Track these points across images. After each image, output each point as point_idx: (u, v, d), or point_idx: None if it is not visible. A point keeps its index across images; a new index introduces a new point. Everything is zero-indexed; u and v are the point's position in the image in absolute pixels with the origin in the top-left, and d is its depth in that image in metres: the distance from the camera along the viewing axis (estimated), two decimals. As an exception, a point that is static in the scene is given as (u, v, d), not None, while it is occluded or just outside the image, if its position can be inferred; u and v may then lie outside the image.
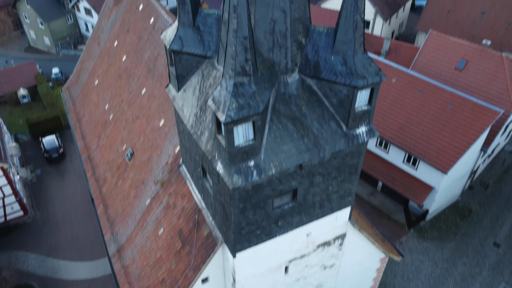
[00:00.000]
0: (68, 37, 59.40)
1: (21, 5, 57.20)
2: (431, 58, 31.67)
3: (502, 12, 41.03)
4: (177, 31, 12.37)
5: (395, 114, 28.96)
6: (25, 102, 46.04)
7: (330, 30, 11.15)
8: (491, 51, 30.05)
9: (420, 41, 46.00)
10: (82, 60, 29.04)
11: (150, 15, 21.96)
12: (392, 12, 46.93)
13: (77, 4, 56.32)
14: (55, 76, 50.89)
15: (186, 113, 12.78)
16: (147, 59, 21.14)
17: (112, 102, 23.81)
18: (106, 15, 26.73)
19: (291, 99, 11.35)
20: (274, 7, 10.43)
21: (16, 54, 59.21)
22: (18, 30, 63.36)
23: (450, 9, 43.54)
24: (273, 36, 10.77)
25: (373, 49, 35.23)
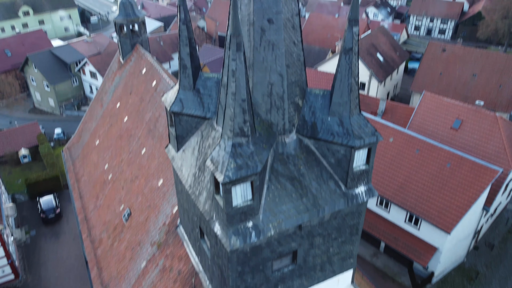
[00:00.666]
0: (72, 99, 61.05)
1: (29, 69, 59.47)
2: (426, 118, 32.33)
3: (492, 74, 42.60)
4: (177, 94, 12.76)
5: (394, 173, 28.98)
6: (26, 162, 46.23)
7: (326, 93, 11.51)
8: (485, 111, 30.77)
9: (415, 102, 47.24)
10: (85, 121, 29.62)
11: (153, 78, 22.75)
12: (386, 74, 48.69)
13: (83, 67, 58.54)
14: (57, 136, 51.60)
15: (184, 173, 12.79)
16: (148, 120, 21.57)
17: (111, 162, 23.92)
18: (110, 78, 27.70)
19: (289, 159, 11.42)
20: (272, 71, 10.84)
21: (21, 115, 60.49)
22: (24, 92, 65.26)
23: (442, 72, 45.25)
24: (270, 98, 11.08)
25: (370, 110, 36.08)
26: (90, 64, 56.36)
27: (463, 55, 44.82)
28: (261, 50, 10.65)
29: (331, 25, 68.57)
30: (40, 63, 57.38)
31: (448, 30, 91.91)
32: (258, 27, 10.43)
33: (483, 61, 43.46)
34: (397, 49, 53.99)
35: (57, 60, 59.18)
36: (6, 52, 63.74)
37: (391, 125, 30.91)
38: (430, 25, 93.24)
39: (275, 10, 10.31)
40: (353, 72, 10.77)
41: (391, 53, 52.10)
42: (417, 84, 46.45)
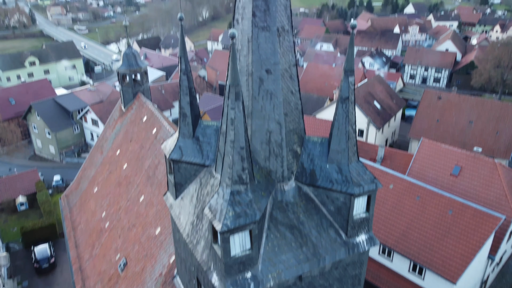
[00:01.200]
0: (72, 146, 61.42)
1: (31, 117, 60.33)
2: (425, 165, 32.38)
3: (488, 121, 43.21)
4: (177, 142, 12.86)
5: (396, 220, 28.56)
6: (23, 209, 45.66)
7: (324, 140, 11.62)
8: (484, 157, 30.88)
9: (413, 148, 47.53)
10: (84, 168, 29.63)
11: (153, 125, 23.04)
12: (384, 121, 49.36)
13: (85, 115, 59.41)
14: (56, 183, 51.35)
15: (182, 221, 12.60)
16: (147, 167, 21.58)
17: (109, 210, 23.64)
18: (111, 126, 28.05)
19: (288, 207, 11.30)
20: (270, 120, 11.01)
21: (21, 162, 60.56)
22: (26, 140, 65.77)
23: (439, 119, 45.92)
24: (269, 146, 11.17)
25: (369, 156, 36.22)
26: (92, 111, 57.26)
27: (459, 103, 45.71)
28: (259, 99, 10.88)
29: (328, 74, 70.44)
30: (43, 111, 58.31)
31: (443, 79, 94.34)
32: (256, 77, 10.72)
33: (479, 108, 44.27)
34: (394, 97, 55.13)
35: (59, 108, 60.20)
36: (10, 100, 64.97)
37: (390, 172, 30.88)
38: (425, 74, 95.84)
39: (273, 61, 10.64)
40: (350, 120, 10.94)
41: (388, 100, 53.14)
42: (414, 131, 46.97)
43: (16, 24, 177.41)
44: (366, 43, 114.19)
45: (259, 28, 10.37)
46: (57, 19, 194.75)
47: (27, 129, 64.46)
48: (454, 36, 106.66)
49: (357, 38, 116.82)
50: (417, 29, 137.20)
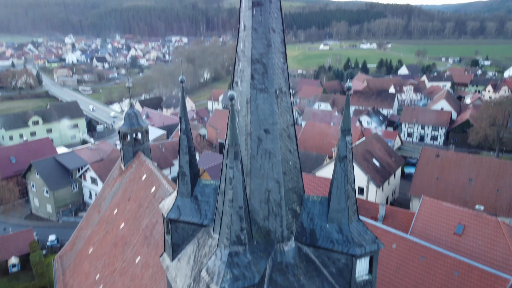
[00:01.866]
0: (70, 205, 60.74)
1: (31, 175, 60.28)
2: (428, 223, 31.84)
3: (488, 179, 43.17)
4: (175, 201, 12.77)
5: (400, 282, 27.53)
6: (14, 271, 44.14)
7: (323, 199, 11.54)
8: (486, 216, 30.44)
9: (415, 206, 47.00)
10: (80, 227, 29.09)
11: (152, 184, 22.96)
12: (383, 179, 49.29)
13: (84, 174, 59.39)
14: (50, 243, 50.17)
15: (179, 284, 12.14)
16: (145, 227, 21.19)
17: (104, 272, 22.84)
18: (110, 185, 27.94)
19: (288, 269, 10.95)
20: (269, 179, 11.01)
21: (17, 222, 59.55)
22: (23, 198, 65.16)
23: (439, 177, 45.91)
24: (268, 205, 11.06)
25: (370, 215, 35.72)
26: (91, 170, 57.33)
27: (457, 161, 45.96)
28: (258, 158, 10.96)
29: (326, 132, 71.54)
30: (43, 169, 58.39)
31: (440, 137, 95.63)
32: (255, 137, 10.88)
33: (477, 166, 44.42)
34: (392, 155, 55.53)
35: (59, 166, 60.35)
36: (11, 159, 65.29)
37: (393, 231, 30.28)
38: (422, 132, 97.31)
39: (271, 121, 10.86)
40: (349, 179, 10.95)
41: (387, 158, 53.46)
42: (415, 189, 46.74)
43: (23, 85, 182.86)
44: (362, 103, 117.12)
45: (258, 90, 10.71)
46: (63, 81, 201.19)
47: (26, 188, 64.10)
48: (448, 96, 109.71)
49: (354, 98, 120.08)
50: (412, 89, 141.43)
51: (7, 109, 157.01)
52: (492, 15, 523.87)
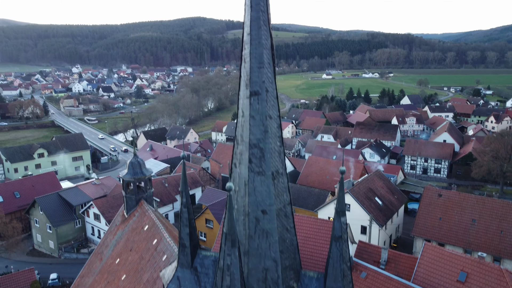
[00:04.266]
0: (72, 241, 60.63)
1: (34, 211, 60.52)
2: (430, 270, 31.61)
3: (492, 220, 42.96)
4: (175, 271, 13.04)
5: (404, 333, 27.13)
6: (14, 313, 43.73)
7: (320, 276, 11.78)
8: (489, 263, 30.23)
9: (418, 246, 46.64)
10: (82, 275, 29.12)
11: (154, 236, 23.20)
12: (386, 218, 49.14)
13: (87, 210, 59.59)
14: (51, 282, 49.89)
15: None
16: (146, 281, 21.29)
17: (104, 324, 22.77)
18: (113, 232, 28.17)
19: None
20: (266, 258, 11.30)
21: (19, 258, 59.34)
22: (26, 233, 65.13)
23: (442, 217, 45.73)
24: (265, 284, 11.31)
25: (372, 259, 35.49)
26: (94, 206, 57.55)
27: (460, 201, 45.87)
28: (255, 238, 11.29)
29: (328, 167, 71.76)
30: (46, 206, 58.70)
31: (443, 169, 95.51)
32: (253, 217, 11.26)
33: (481, 207, 44.30)
34: (395, 192, 55.51)
35: (63, 202, 60.66)
36: (15, 193, 65.75)
37: (395, 278, 30.08)
38: (425, 164, 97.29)
39: (268, 202, 11.26)
40: (344, 258, 11.22)
41: (390, 196, 53.43)
42: (418, 229, 46.50)
43: (29, 115, 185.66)
44: (365, 135, 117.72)
45: (255, 173, 11.16)
46: (69, 110, 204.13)
47: (28, 223, 64.20)
48: (450, 128, 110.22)
49: (357, 129, 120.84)
50: (414, 120, 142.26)
51: (13, 139, 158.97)
52: (492, 44, 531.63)
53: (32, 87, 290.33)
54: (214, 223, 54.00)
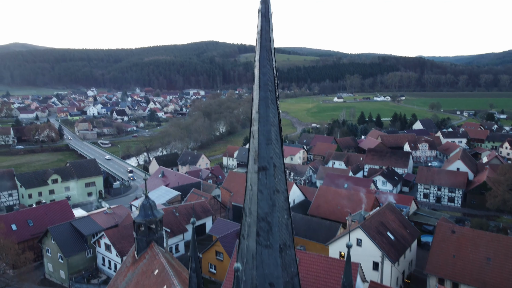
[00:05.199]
0: (83, 271, 60.74)
1: (47, 240, 61.02)
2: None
3: (507, 259, 41.97)
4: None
5: None
6: None
7: None
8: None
9: (432, 284, 45.64)
10: (92, 315, 29.14)
11: (164, 282, 23.29)
12: (398, 254, 48.35)
13: (98, 239, 59.90)
14: (61, 314, 49.81)
15: None
16: (155, 329, 21.29)
17: None
18: (123, 273, 28.33)
19: None
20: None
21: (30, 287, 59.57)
22: (37, 262, 65.51)
23: (455, 254, 44.84)
24: None
25: (384, 300, 34.87)
26: (106, 237, 57.85)
27: (474, 238, 45.00)
28: (263, 311, 11.38)
29: (339, 197, 71.33)
30: (59, 235, 59.19)
31: (457, 199, 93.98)
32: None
33: (495, 245, 43.37)
34: (407, 226, 54.73)
35: (75, 231, 61.12)
36: (29, 222, 66.52)
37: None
38: (438, 193, 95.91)
39: (275, 275, 11.39)
40: (351, 333, 11.22)
41: (402, 230, 52.69)
42: (431, 267, 45.57)
43: (45, 138, 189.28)
44: (377, 161, 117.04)
45: (263, 246, 11.35)
46: (83, 134, 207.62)
47: (41, 251, 64.66)
48: (463, 156, 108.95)
49: (368, 156, 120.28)
50: (427, 146, 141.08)
51: (28, 162, 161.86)
52: (505, 67, 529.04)
53: (48, 110, 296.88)
54: (224, 255, 53.75)
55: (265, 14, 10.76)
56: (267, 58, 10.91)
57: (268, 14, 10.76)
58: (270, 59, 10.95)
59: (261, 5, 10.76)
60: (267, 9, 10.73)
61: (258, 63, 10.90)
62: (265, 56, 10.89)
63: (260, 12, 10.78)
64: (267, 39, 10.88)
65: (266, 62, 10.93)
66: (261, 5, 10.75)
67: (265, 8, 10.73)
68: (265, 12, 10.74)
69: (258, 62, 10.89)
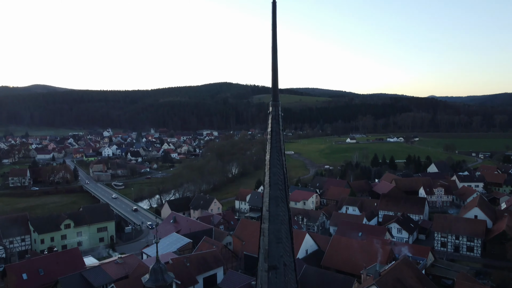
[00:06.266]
0: (91, 323, 59.54)
1: (56, 291, 60.40)
2: None
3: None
4: None
5: None
6: None
7: None
8: None
9: None
10: None
11: None
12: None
13: (108, 291, 59.04)
14: None
15: None
16: None
17: None
18: None
19: None
20: None
21: None
22: (46, 312, 64.59)
23: (476, 316, 42.82)
24: None
25: None
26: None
27: (495, 298, 43.11)
28: None
29: (354, 248, 69.67)
30: (69, 286, 58.58)
31: (476, 248, 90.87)
32: None
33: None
34: (425, 283, 52.76)
35: (85, 282, 60.44)
36: (40, 271, 66.17)
37: None
38: (456, 242, 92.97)
39: None
40: None
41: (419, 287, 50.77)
42: (451, 329, 43.48)
43: (60, 179, 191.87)
44: (391, 207, 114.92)
45: None
46: (98, 175, 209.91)
47: (50, 301, 63.91)
48: (481, 202, 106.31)
49: (382, 202, 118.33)
50: (443, 190, 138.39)
51: (43, 204, 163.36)
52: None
53: (64, 151, 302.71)
54: (235, 311, 52.28)
55: (275, 117, 11.12)
56: (277, 158, 11.16)
57: (278, 116, 11.12)
58: (280, 159, 11.19)
59: (271, 108, 11.15)
60: (277, 112, 11.10)
61: (269, 163, 11.15)
62: (275, 157, 11.15)
63: (271, 115, 11.14)
64: (277, 140, 11.18)
65: (276, 162, 11.17)
66: (272, 108, 11.14)
67: (275, 111, 11.10)
68: (275, 114, 11.11)
69: (269, 162, 11.14)
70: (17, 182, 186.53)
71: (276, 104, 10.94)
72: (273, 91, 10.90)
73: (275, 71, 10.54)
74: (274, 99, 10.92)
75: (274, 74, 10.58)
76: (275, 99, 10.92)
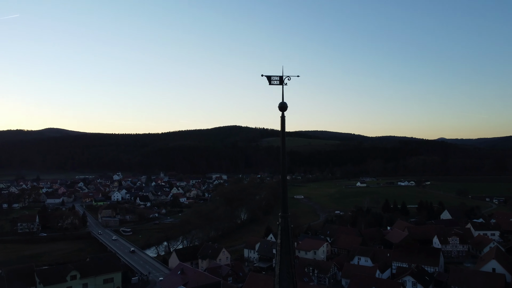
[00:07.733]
0: None
1: None
2: None
3: None
4: None
5: None
6: None
7: None
8: None
9: None
10: None
11: None
12: None
13: None
14: None
15: None
16: None
17: None
18: None
19: None
20: None
21: None
22: None
23: None
24: None
25: None
26: None
27: None
28: None
29: (368, 306, 66.91)
30: None
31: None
32: None
33: None
34: None
35: None
36: (43, 328, 64.38)
37: None
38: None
39: None
40: None
41: None
42: None
43: (68, 225, 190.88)
44: (405, 258, 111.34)
45: None
46: (106, 221, 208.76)
47: None
48: (498, 254, 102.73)
49: (395, 252, 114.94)
50: (458, 240, 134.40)
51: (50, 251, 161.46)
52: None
53: (74, 195, 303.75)
54: None
55: (285, 228, 11.01)
56: (287, 272, 10.94)
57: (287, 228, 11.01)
58: (290, 272, 10.96)
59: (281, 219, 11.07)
60: (286, 224, 11.01)
61: (278, 278, 10.91)
62: (285, 271, 10.93)
63: (280, 226, 11.04)
64: (287, 252, 11.01)
65: (286, 276, 10.93)
66: (281, 219, 11.06)
67: (284, 223, 11.01)
68: (285, 226, 11.01)
69: (279, 277, 10.91)
70: (26, 228, 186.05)
71: (286, 216, 10.88)
72: (283, 204, 10.89)
73: (285, 187, 10.59)
74: (283, 211, 10.87)
75: (284, 189, 10.63)
76: (284, 211, 10.87)
